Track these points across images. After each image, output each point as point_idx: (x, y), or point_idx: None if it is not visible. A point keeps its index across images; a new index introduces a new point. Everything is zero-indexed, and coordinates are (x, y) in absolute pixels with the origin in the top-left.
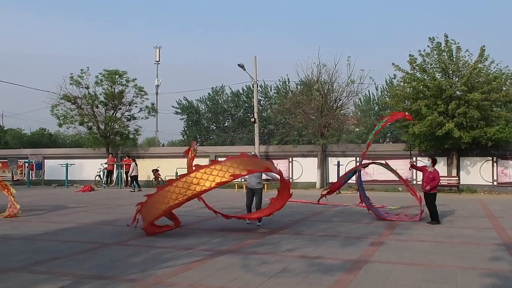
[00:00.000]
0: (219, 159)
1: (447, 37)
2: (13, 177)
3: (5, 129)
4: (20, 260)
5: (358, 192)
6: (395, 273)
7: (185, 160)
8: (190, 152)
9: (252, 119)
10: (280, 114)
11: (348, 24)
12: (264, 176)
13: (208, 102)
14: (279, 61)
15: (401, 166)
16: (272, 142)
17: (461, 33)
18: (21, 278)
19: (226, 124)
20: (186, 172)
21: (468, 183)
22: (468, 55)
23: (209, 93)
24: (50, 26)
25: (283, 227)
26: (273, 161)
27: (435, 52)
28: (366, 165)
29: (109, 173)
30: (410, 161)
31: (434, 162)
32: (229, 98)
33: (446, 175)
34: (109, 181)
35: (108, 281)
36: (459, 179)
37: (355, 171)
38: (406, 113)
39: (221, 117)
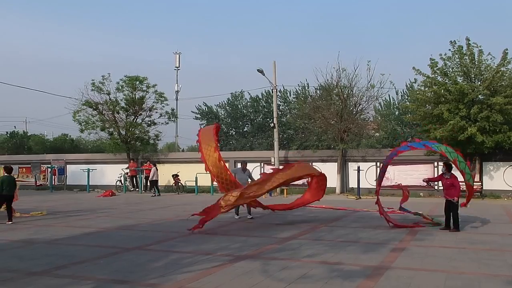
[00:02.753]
0: (238, 165)
1: (469, 40)
2: (36, 182)
3: (28, 134)
4: (44, 264)
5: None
6: (417, 280)
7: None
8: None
9: (272, 124)
10: (299, 119)
11: (368, 29)
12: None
13: (227, 107)
14: (298, 66)
15: (422, 171)
16: (291, 147)
17: (483, 36)
18: (45, 281)
19: (245, 129)
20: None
21: (491, 189)
22: (491, 58)
23: (228, 99)
24: (71, 32)
25: (303, 232)
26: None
27: (456, 56)
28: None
29: (133, 178)
30: (424, 179)
31: (449, 168)
32: (248, 103)
33: None
34: (135, 186)
35: (129, 285)
36: (482, 185)
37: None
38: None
39: (240, 122)
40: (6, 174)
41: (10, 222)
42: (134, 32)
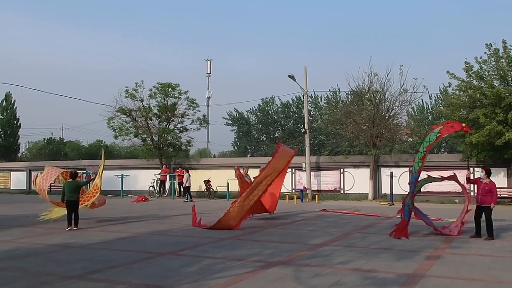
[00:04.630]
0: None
1: (506, 43)
2: None
3: (64, 141)
4: (79, 268)
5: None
6: None
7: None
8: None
9: (303, 130)
10: (330, 125)
11: (401, 32)
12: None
13: (258, 113)
14: (329, 71)
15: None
16: (323, 153)
17: None
18: (81, 285)
19: (276, 135)
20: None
21: None
22: None
23: (259, 104)
24: (105, 40)
25: (335, 239)
26: (324, 172)
27: (492, 59)
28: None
29: (162, 183)
30: (467, 174)
31: (488, 174)
32: (279, 109)
33: (507, 186)
34: (161, 191)
35: None
36: None
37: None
38: (463, 124)
39: (271, 128)
40: (70, 179)
41: (75, 228)
42: (165, 40)
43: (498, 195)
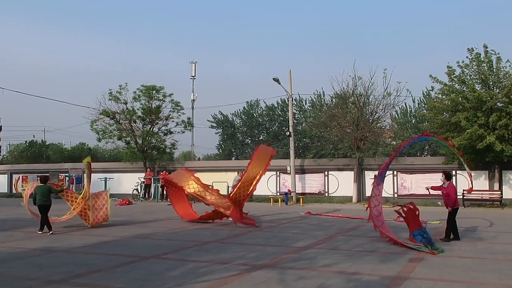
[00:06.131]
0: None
1: (487, 47)
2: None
3: (47, 143)
4: (62, 272)
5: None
6: None
7: (220, 174)
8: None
9: (287, 133)
10: (315, 128)
11: (384, 36)
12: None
13: (243, 116)
14: (314, 75)
15: (439, 181)
16: (307, 156)
17: (501, 43)
18: None
19: (261, 138)
20: None
21: None
22: (509, 66)
23: (244, 107)
24: (88, 42)
25: (319, 242)
26: (308, 175)
27: (474, 63)
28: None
29: (147, 187)
30: (427, 187)
31: (447, 177)
32: (264, 112)
33: (488, 189)
34: (147, 195)
35: None
36: (501, 194)
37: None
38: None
39: (256, 131)
40: (41, 184)
41: (41, 232)
42: (150, 42)
43: (480, 197)
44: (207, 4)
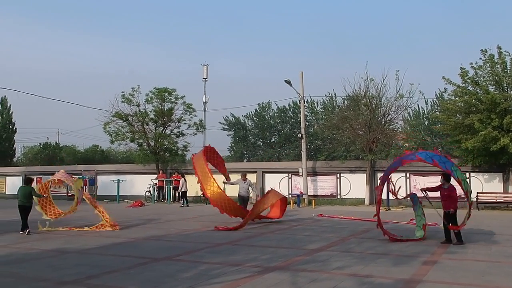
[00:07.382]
0: (267, 175)
1: (501, 48)
2: (67, 192)
3: (60, 146)
4: (75, 274)
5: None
6: None
7: (232, 175)
8: None
9: (299, 135)
10: (327, 130)
11: (397, 38)
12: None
13: (254, 118)
14: (325, 77)
15: (453, 182)
16: (319, 158)
17: None
18: None
19: (272, 140)
20: None
21: None
22: None
23: (255, 109)
24: (102, 45)
25: (332, 244)
26: (320, 177)
27: (488, 65)
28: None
29: (160, 189)
30: (422, 188)
31: (446, 179)
32: (275, 114)
33: (502, 191)
34: (161, 197)
35: None
36: None
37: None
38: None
39: (267, 133)
40: (24, 185)
41: (24, 232)
42: (162, 44)
43: (494, 200)
44: (218, 8)
